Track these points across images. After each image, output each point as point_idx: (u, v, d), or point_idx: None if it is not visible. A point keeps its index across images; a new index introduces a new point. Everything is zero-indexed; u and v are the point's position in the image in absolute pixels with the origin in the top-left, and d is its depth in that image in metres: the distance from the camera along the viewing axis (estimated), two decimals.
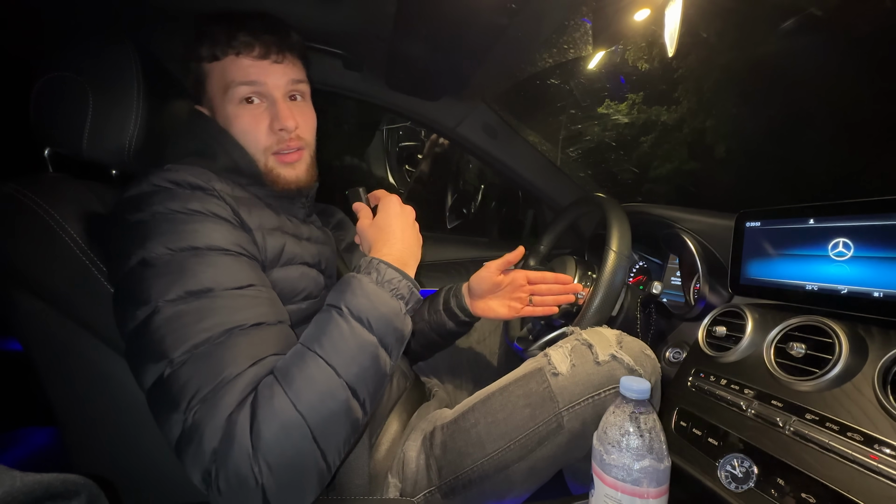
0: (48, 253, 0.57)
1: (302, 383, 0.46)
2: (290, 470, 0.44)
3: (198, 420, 0.44)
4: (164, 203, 0.54)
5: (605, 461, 0.48)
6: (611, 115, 5.12)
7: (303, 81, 0.71)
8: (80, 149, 0.63)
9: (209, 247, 0.53)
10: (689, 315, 0.91)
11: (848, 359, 0.56)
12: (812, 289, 0.65)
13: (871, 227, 0.59)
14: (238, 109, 0.65)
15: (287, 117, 0.65)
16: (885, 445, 0.47)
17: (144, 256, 0.50)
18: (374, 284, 0.54)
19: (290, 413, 0.44)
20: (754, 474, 0.55)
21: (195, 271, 0.50)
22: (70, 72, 0.63)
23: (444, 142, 1.86)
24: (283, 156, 0.68)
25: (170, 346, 0.46)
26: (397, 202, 0.66)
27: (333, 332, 0.50)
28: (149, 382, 0.47)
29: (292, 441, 0.44)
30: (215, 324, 0.48)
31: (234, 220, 0.59)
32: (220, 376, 0.45)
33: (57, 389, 0.62)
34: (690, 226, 0.93)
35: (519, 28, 0.81)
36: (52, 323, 0.59)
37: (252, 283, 0.54)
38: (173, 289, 0.49)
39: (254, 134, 0.66)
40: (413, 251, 0.63)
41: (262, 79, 0.65)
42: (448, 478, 0.67)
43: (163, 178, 0.57)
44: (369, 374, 0.51)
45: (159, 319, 0.48)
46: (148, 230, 0.52)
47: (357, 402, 0.49)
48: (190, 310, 0.48)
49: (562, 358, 0.68)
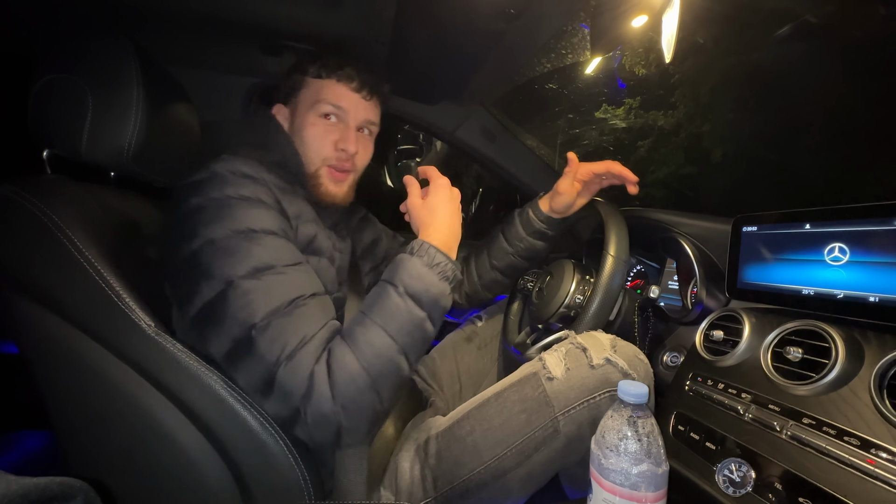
0: (46, 255, 0.57)
1: (365, 346, 0.57)
2: (357, 409, 0.56)
3: (286, 373, 0.54)
4: (220, 189, 0.62)
5: (604, 465, 0.48)
6: (608, 119, 5.15)
7: (375, 124, 0.82)
8: (79, 151, 0.63)
9: (263, 229, 0.61)
10: (687, 319, 0.91)
11: (844, 363, 0.56)
12: (808, 293, 0.66)
13: (866, 232, 0.59)
14: (317, 120, 0.76)
15: (351, 142, 0.76)
16: (882, 450, 0.48)
17: (211, 237, 0.58)
18: (425, 267, 0.63)
19: (356, 368, 0.56)
20: (752, 479, 0.55)
21: (257, 251, 0.59)
22: (69, 73, 0.63)
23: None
24: (335, 172, 0.77)
25: (251, 314, 0.55)
26: (447, 186, 0.72)
27: (390, 305, 0.60)
28: (227, 346, 0.56)
29: (359, 389, 0.56)
30: (284, 293, 0.58)
31: (277, 207, 0.66)
32: (300, 336, 0.56)
33: (53, 392, 0.61)
34: (688, 230, 0.94)
35: (517, 33, 0.81)
36: (49, 325, 0.58)
37: (299, 261, 0.63)
38: (242, 265, 0.57)
39: (320, 142, 0.75)
40: (457, 235, 0.70)
41: (347, 106, 0.76)
42: (444, 488, 0.66)
43: (220, 166, 0.64)
44: (418, 340, 0.61)
45: (236, 292, 0.56)
46: (209, 214, 0.60)
47: (406, 360, 0.60)
48: (260, 284, 0.57)
49: (556, 362, 0.68)
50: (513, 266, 0.91)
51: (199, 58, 1.02)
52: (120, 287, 0.57)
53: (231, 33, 0.90)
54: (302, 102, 0.77)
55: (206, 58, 1.02)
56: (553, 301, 0.90)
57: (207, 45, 0.97)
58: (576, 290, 0.89)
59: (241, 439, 0.57)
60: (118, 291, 0.56)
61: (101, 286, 0.56)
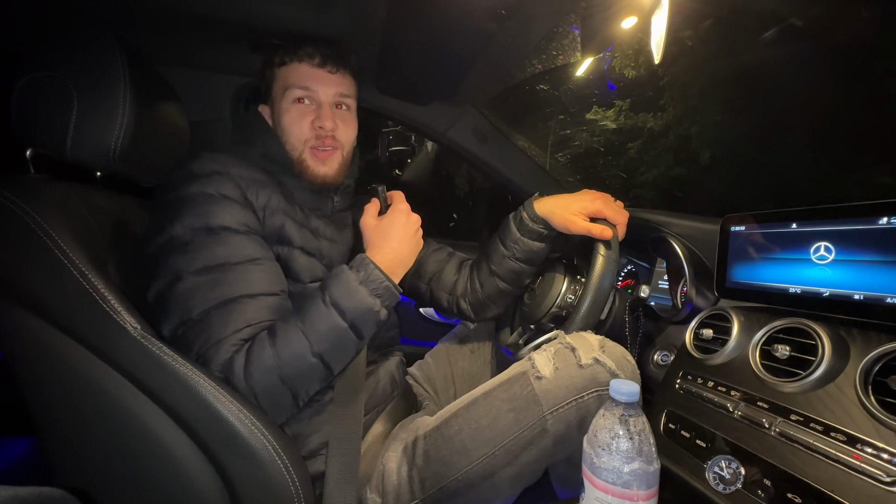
0: (28, 257, 0.56)
1: (283, 344, 0.61)
2: (269, 397, 0.61)
3: (208, 357, 0.60)
4: (187, 186, 0.66)
5: (596, 464, 0.48)
6: (599, 121, 5.20)
7: (350, 97, 0.82)
8: (63, 150, 0.62)
9: (221, 226, 0.65)
10: (677, 318, 0.92)
11: (830, 360, 0.57)
12: (795, 291, 0.67)
13: (850, 231, 0.60)
14: (290, 106, 0.77)
15: (327, 118, 0.77)
16: (867, 445, 0.48)
17: (171, 234, 0.64)
18: (357, 282, 0.65)
19: (271, 363, 0.60)
20: (741, 476, 0.56)
21: (211, 249, 0.63)
22: (54, 71, 0.61)
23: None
24: (317, 151, 0.78)
25: (190, 308, 0.61)
26: (406, 212, 0.74)
27: (313, 312, 0.64)
28: (169, 332, 0.62)
29: (272, 381, 0.61)
30: (226, 291, 0.62)
31: (241, 200, 0.69)
32: (230, 330, 0.61)
33: (36, 397, 0.60)
34: (677, 230, 0.95)
35: (508, 35, 0.81)
36: (31, 328, 0.57)
37: (257, 258, 0.66)
38: (194, 262, 0.62)
39: (298, 126, 0.77)
40: (405, 260, 0.73)
41: (314, 86, 0.77)
42: (431, 489, 0.66)
43: (190, 164, 0.69)
44: (337, 347, 0.64)
45: (183, 286, 0.62)
46: (175, 211, 0.65)
47: (323, 364, 0.64)
48: (206, 280, 0.62)
49: (545, 361, 0.68)
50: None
51: (189, 57, 1.01)
52: (105, 289, 0.55)
53: (222, 33, 0.89)
54: (276, 94, 0.79)
55: (197, 57, 1.01)
56: (545, 301, 0.90)
57: (198, 44, 0.95)
58: (567, 290, 0.89)
59: (229, 444, 0.56)
60: (103, 294, 0.55)
61: (86, 288, 0.55)
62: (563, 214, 0.82)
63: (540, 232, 0.85)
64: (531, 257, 0.87)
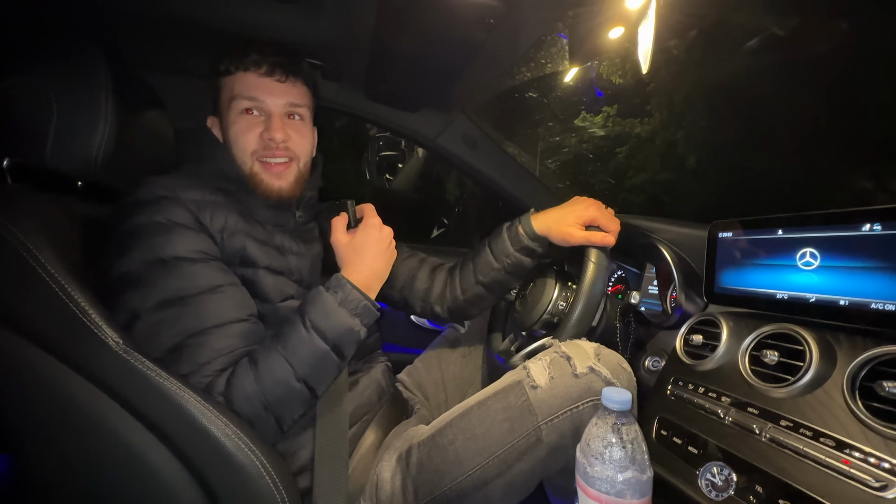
0: (5, 270, 0.54)
1: (265, 372, 0.60)
2: (254, 421, 0.60)
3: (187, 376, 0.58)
4: (135, 216, 0.63)
5: (589, 474, 0.48)
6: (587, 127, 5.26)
7: (302, 106, 0.77)
8: (43, 158, 0.60)
9: (173, 257, 0.61)
10: (667, 323, 0.92)
11: (818, 366, 0.57)
12: (783, 297, 0.67)
13: (835, 237, 0.61)
14: (237, 118, 0.73)
15: (276, 129, 0.72)
16: (855, 450, 0.49)
17: (122, 270, 0.60)
18: (335, 303, 0.64)
19: (252, 390, 0.59)
20: (733, 482, 0.56)
21: (165, 282, 0.60)
22: (31, 77, 0.60)
23: None
24: (268, 164, 0.74)
25: (154, 346, 0.58)
26: (378, 226, 0.73)
27: (294, 336, 0.62)
28: None
29: (254, 408, 0.59)
30: (187, 326, 0.59)
31: (195, 225, 0.65)
32: (192, 368, 0.58)
33: (12, 413, 0.57)
34: (666, 236, 0.95)
35: (497, 43, 0.82)
36: (7, 343, 0.55)
37: (217, 285, 0.63)
38: (149, 298, 0.59)
39: (244, 138, 0.72)
40: (380, 275, 0.72)
41: (261, 96, 0.73)
42: (425, 499, 0.65)
43: (139, 191, 0.65)
44: (320, 370, 0.63)
45: (140, 325, 0.58)
46: (125, 244, 0.61)
47: (307, 388, 0.63)
48: (166, 316, 0.59)
49: (540, 371, 0.68)
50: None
51: (175, 64, 0.99)
52: (86, 303, 0.54)
53: (209, 39, 0.88)
54: (223, 105, 0.74)
55: (183, 64, 1.00)
56: (536, 308, 0.90)
57: (184, 50, 0.94)
58: (558, 296, 0.89)
59: (215, 461, 0.55)
60: (84, 308, 0.53)
61: (66, 302, 0.53)
62: (560, 228, 0.82)
63: (533, 249, 0.85)
64: (519, 271, 0.88)
